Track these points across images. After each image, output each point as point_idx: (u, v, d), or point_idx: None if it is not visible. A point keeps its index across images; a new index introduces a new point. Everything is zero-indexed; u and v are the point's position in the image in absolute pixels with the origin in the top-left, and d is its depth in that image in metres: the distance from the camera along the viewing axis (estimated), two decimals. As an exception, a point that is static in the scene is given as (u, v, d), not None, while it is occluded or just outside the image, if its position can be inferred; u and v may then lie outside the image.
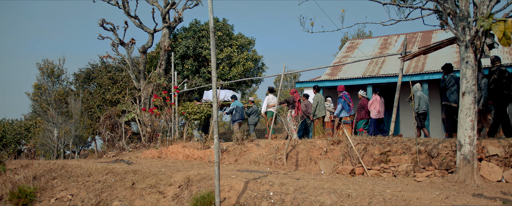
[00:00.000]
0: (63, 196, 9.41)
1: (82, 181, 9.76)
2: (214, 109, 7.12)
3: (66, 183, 9.89)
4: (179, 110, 15.08)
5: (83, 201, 9.12)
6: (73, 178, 9.98)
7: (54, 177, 10.22)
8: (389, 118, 12.73)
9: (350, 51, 21.07)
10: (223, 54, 22.67)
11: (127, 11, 21.75)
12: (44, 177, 10.26)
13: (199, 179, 8.48)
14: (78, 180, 9.87)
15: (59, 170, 10.50)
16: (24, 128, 26.21)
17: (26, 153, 16.35)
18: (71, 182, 9.88)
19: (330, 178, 8.27)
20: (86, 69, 27.15)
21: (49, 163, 11.01)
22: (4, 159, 11.88)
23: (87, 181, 9.71)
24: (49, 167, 10.69)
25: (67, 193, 9.51)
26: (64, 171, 10.40)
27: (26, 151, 16.87)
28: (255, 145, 11.13)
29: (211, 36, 7.05)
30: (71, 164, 10.82)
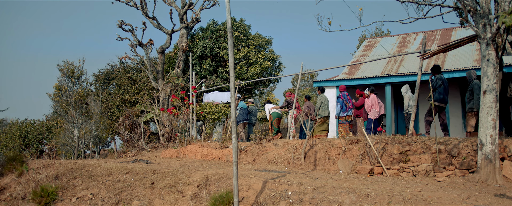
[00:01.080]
0: (84, 195, 9.55)
1: (103, 181, 9.89)
2: (232, 108, 7.14)
3: (87, 182, 10.03)
4: (197, 110, 15.16)
5: (103, 200, 9.23)
6: (94, 178, 10.12)
7: (75, 177, 10.37)
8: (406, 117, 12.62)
9: (368, 50, 20.91)
10: (240, 54, 22.72)
11: (145, 12, 21.95)
12: (66, 176, 10.42)
13: (218, 179, 8.51)
14: (99, 179, 10.00)
15: (80, 169, 10.65)
16: (46, 128, 26.64)
17: (48, 152, 16.65)
18: (91, 181, 10.02)
19: (349, 178, 8.23)
20: (106, 70, 27.49)
21: (70, 163, 11.18)
22: (27, 158, 12.10)
23: (107, 180, 9.83)
24: (70, 166, 10.85)
25: (87, 192, 9.65)
26: (85, 170, 10.54)
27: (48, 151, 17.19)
28: (273, 145, 11.13)
29: (229, 36, 7.07)
30: (91, 163, 10.97)
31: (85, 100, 25.84)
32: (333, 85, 16.92)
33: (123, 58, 22.89)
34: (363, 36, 36.41)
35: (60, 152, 23.58)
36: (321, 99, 13.29)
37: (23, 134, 25.26)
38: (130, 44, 22.03)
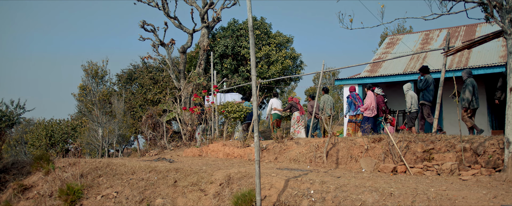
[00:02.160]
0: (108, 194, 9.70)
1: (126, 179, 10.03)
2: (254, 107, 7.15)
3: (111, 180, 10.19)
4: (218, 109, 15.23)
5: (127, 198, 9.37)
6: (118, 176, 10.27)
7: (100, 175, 10.54)
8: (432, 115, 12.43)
9: (390, 47, 20.68)
10: (261, 52, 22.72)
11: (167, 12, 22.14)
12: (91, 174, 10.60)
13: (240, 177, 8.54)
14: (123, 178, 10.15)
15: (105, 168, 10.82)
16: (71, 127, 27.14)
17: (73, 151, 16.96)
18: (116, 179, 10.17)
19: (372, 176, 8.16)
20: (128, 70, 27.84)
21: (95, 161, 11.37)
22: (53, 157, 12.35)
23: (131, 178, 9.97)
24: (95, 165, 11.03)
25: (112, 190, 9.80)
26: (109, 169, 10.70)
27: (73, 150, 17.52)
28: (294, 143, 11.11)
29: (250, 35, 7.08)
30: (115, 162, 11.13)
31: (108, 100, 26.23)
32: (355, 83, 16.79)
33: (146, 58, 23.13)
34: (385, 34, 35.98)
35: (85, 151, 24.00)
36: (324, 100, 13.74)
37: (49, 133, 25.79)
38: (152, 44, 22.25)
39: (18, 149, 28.27)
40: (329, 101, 13.76)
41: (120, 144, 25.40)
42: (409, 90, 12.25)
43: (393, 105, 17.83)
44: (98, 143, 22.59)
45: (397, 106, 17.58)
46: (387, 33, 35.53)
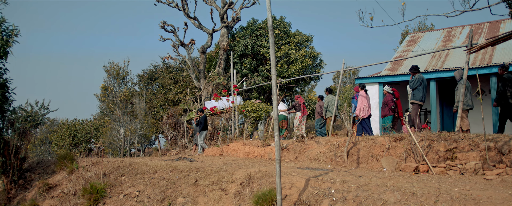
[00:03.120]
0: (130, 192, 9.82)
1: (148, 178, 10.13)
2: (274, 106, 7.16)
3: (133, 179, 10.31)
4: (238, 108, 15.28)
5: (149, 197, 9.47)
6: (140, 175, 10.38)
7: (122, 174, 10.67)
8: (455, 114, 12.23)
9: (411, 45, 20.42)
10: (281, 52, 22.70)
11: (187, 13, 22.30)
12: (113, 174, 10.74)
13: (260, 177, 8.55)
14: (144, 177, 10.26)
15: (127, 167, 10.95)
16: (93, 127, 27.54)
17: (96, 151, 17.23)
18: (137, 178, 10.29)
19: (393, 176, 8.08)
20: (149, 70, 28.12)
21: (117, 161, 11.51)
22: (77, 157, 12.55)
23: (153, 178, 10.07)
24: (117, 164, 11.18)
25: (134, 189, 9.91)
26: (131, 168, 10.83)
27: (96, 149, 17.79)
28: (315, 142, 11.07)
29: (270, 35, 7.08)
30: (137, 161, 11.25)
31: (130, 100, 26.54)
32: (375, 82, 16.65)
33: (166, 59, 23.36)
34: (405, 31, 35.55)
35: (107, 150, 24.35)
36: (328, 100, 13.99)
37: (72, 133, 26.22)
38: (172, 45, 22.45)
39: (43, 149, 28.83)
40: (333, 101, 13.95)
41: (141, 144, 25.70)
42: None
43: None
44: (120, 143, 22.89)
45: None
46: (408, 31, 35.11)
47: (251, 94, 23.08)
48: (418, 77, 11.19)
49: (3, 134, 11.60)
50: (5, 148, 11.42)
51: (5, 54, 10.64)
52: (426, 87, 11.31)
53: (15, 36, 11.00)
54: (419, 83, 11.08)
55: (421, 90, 11.08)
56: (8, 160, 11.45)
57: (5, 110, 11.35)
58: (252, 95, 22.97)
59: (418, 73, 11.26)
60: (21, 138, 11.81)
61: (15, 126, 11.79)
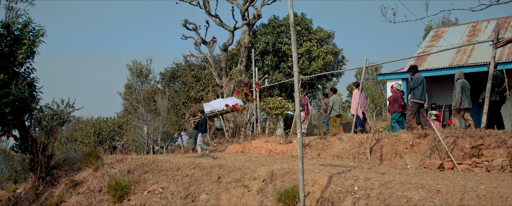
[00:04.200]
0: (154, 189, 9.94)
1: (172, 175, 10.24)
2: (296, 103, 7.15)
3: (157, 176, 10.43)
4: (260, 105, 15.29)
5: (173, 194, 9.57)
6: (163, 172, 10.50)
7: (146, 171, 10.81)
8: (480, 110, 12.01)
9: (435, 40, 20.09)
10: (302, 48, 22.62)
11: (208, 11, 22.40)
12: (137, 171, 10.89)
13: (283, 174, 8.56)
14: (168, 174, 10.37)
15: (150, 164, 11.08)
16: (117, 125, 27.94)
17: (120, 148, 17.48)
18: (161, 175, 10.41)
19: (417, 173, 7.99)
20: (171, 68, 28.36)
21: (141, 158, 11.66)
22: (101, 154, 12.76)
23: (176, 175, 10.17)
24: (141, 161, 11.32)
25: (158, 186, 10.04)
26: (155, 165, 10.96)
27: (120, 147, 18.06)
28: (337, 139, 11.02)
29: (292, 31, 7.07)
30: (161, 158, 11.38)
31: (153, 98, 26.83)
32: (398, 78, 16.45)
33: (188, 57, 23.54)
34: (429, 26, 34.95)
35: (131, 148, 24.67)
36: (333, 100, 14.42)
37: (97, 130, 26.66)
38: (194, 43, 22.59)
39: (69, 146, 29.39)
40: (337, 101, 14.43)
41: (164, 141, 25.96)
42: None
43: (439, 100, 17.35)
44: (143, 140, 23.17)
45: (443, 100, 17.09)
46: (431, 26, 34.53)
47: (273, 91, 23.07)
48: (417, 77, 11.42)
49: (31, 131, 11.87)
50: (33, 145, 11.69)
51: (32, 54, 10.86)
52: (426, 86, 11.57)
53: (41, 36, 11.21)
54: (419, 83, 11.31)
55: (421, 89, 11.30)
56: (36, 157, 11.72)
57: (33, 109, 11.60)
58: (273, 92, 22.96)
59: (417, 73, 11.54)
60: (48, 135, 12.06)
61: (42, 124, 12.04)
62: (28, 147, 11.67)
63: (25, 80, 11.06)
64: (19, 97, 10.53)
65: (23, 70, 11.28)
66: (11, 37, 10.78)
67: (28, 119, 11.97)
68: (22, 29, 10.91)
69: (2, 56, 10.48)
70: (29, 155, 11.84)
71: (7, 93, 10.35)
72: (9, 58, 10.58)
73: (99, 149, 23.07)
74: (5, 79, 10.40)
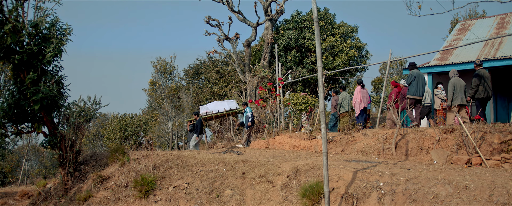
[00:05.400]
0: (179, 184, 10.06)
1: (196, 171, 10.34)
2: (320, 98, 7.12)
3: (182, 172, 10.54)
4: (284, 101, 15.28)
5: (197, 189, 9.67)
6: (188, 168, 10.61)
7: (171, 167, 10.93)
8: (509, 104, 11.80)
9: (461, 33, 19.67)
10: (326, 43, 22.47)
11: (231, 7, 22.44)
12: (162, 166, 11.03)
13: (307, 169, 8.55)
14: (193, 169, 10.47)
15: (175, 160, 11.21)
16: (142, 121, 28.28)
17: (145, 144, 17.72)
18: (186, 171, 10.52)
19: (444, 169, 7.87)
20: (195, 65, 28.55)
21: (166, 154, 11.80)
22: (127, 150, 12.96)
23: (201, 170, 10.27)
24: (166, 157, 11.46)
25: (183, 181, 10.15)
26: (180, 161, 11.08)
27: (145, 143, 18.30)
28: (362, 135, 10.93)
29: (316, 26, 7.04)
30: (185, 154, 11.50)
31: (177, 95, 27.08)
32: (424, 72, 16.18)
33: (211, 53, 23.65)
34: (455, 19, 34.22)
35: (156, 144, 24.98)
36: (342, 97, 14.54)
37: (123, 127, 27.03)
38: (217, 39, 22.70)
39: (95, 142, 29.93)
40: (346, 98, 14.59)
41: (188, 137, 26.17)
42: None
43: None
44: (168, 136, 23.44)
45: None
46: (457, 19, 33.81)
47: (296, 87, 23.00)
48: (411, 73, 11.79)
49: (59, 128, 12.14)
50: (62, 141, 11.96)
51: (59, 52, 11.09)
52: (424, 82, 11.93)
53: (68, 34, 11.44)
54: (413, 79, 11.62)
55: (415, 85, 11.62)
56: (64, 153, 11.99)
57: (61, 106, 11.86)
58: (297, 88, 22.90)
59: (414, 69, 11.88)
60: (76, 132, 12.33)
61: (70, 120, 12.31)
62: (57, 143, 11.95)
63: (53, 78, 11.31)
64: (48, 95, 10.78)
65: (51, 68, 11.55)
66: (39, 36, 11.03)
67: (57, 115, 12.24)
68: (50, 28, 11.16)
69: (31, 54, 10.74)
70: (58, 151, 12.13)
71: (37, 91, 10.61)
72: (37, 56, 10.83)
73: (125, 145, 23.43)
74: (34, 77, 10.66)
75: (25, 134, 12.15)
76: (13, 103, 11.11)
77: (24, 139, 28.27)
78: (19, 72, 11.03)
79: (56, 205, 11.48)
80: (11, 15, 10.58)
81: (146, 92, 31.41)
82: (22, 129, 11.88)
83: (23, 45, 10.71)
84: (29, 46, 10.70)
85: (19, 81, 11.13)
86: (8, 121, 11.43)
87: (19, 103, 11.04)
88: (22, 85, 10.96)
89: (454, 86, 11.23)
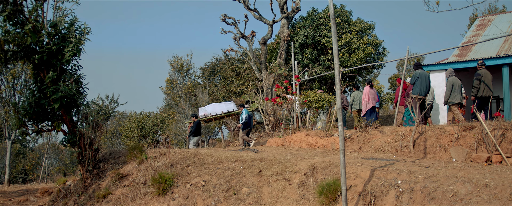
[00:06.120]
0: (197, 182, 10.13)
1: (213, 168, 10.39)
2: (337, 96, 7.10)
3: (199, 170, 10.61)
4: (300, 99, 15.24)
5: (215, 186, 9.72)
6: (205, 166, 10.67)
7: (188, 164, 11.01)
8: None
9: (480, 29, 19.36)
10: (342, 41, 22.34)
11: (247, 5, 22.46)
12: (180, 164, 11.11)
13: (324, 167, 8.53)
14: (210, 167, 10.53)
15: (193, 158, 11.28)
16: (160, 119, 28.54)
17: (163, 142, 17.87)
18: (203, 169, 10.58)
19: (463, 167, 7.77)
20: (211, 63, 28.66)
21: (183, 152, 11.88)
22: (145, 148, 13.08)
23: (218, 168, 10.32)
24: (183, 155, 11.54)
25: (200, 179, 10.21)
26: (197, 159, 11.15)
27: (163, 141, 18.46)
28: (379, 132, 10.86)
29: (332, 23, 7.01)
30: (202, 152, 11.56)
31: (193, 93, 27.22)
32: (442, 69, 15.96)
33: (227, 51, 23.72)
34: (474, 15, 33.69)
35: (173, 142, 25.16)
36: (354, 96, 15.13)
37: (140, 125, 27.32)
38: (233, 37, 22.74)
39: (114, 140, 30.29)
40: (357, 97, 15.01)
41: (205, 135, 26.33)
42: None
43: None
44: (185, 134, 23.57)
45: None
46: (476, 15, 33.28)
47: (313, 84, 22.93)
48: (414, 73, 12.22)
49: (78, 126, 12.32)
50: (81, 139, 12.14)
51: (78, 51, 11.25)
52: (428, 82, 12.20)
53: (87, 34, 11.60)
54: (416, 78, 11.96)
55: (419, 85, 11.91)
56: (83, 151, 12.16)
57: (80, 104, 12.03)
58: (313, 85, 22.82)
59: (419, 69, 12.23)
60: (94, 130, 12.49)
61: (89, 119, 12.47)
62: (76, 141, 12.13)
63: (72, 77, 11.48)
64: (67, 94, 10.95)
65: (70, 68, 11.72)
66: (58, 36, 11.21)
67: (76, 114, 12.42)
68: (69, 27, 11.32)
69: (51, 54, 10.91)
70: (77, 149, 12.31)
71: (56, 90, 10.79)
72: (57, 56, 11.01)
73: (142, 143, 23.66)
74: (54, 76, 10.84)
75: (45, 132, 12.36)
76: (33, 102, 11.32)
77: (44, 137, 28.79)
78: (39, 72, 11.23)
79: (76, 202, 11.65)
80: (31, 15, 10.76)
81: (163, 90, 31.64)
82: (43, 127, 12.09)
83: (43, 45, 10.89)
84: (48, 45, 10.87)
85: (39, 81, 11.34)
86: (29, 119, 11.66)
87: (39, 101, 11.25)
88: (42, 85, 11.15)
89: (452, 85, 11.64)
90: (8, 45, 10.53)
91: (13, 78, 17.64)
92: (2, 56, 10.58)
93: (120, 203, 10.59)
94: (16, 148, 30.40)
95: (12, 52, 10.66)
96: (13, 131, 18.15)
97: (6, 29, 10.55)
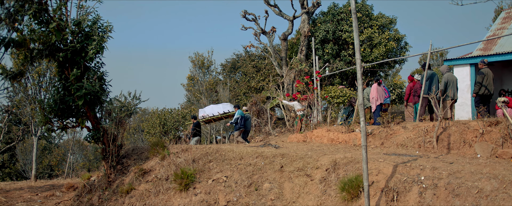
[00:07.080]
0: (218, 178, 10.19)
1: (235, 164, 10.44)
2: (359, 91, 7.05)
3: (221, 165, 10.67)
4: (321, 94, 15.18)
5: (236, 182, 9.77)
6: (227, 161, 10.73)
7: (210, 160, 11.08)
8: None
9: (506, 22, 18.92)
10: (363, 35, 22.13)
11: (267, 1, 22.43)
12: (202, 160, 11.19)
13: (346, 163, 8.49)
14: (231, 163, 10.58)
15: (214, 153, 11.35)
16: (181, 115, 28.75)
17: (184, 138, 18.02)
18: (225, 164, 10.64)
19: (488, 163, 7.64)
20: (232, 59, 28.73)
21: (205, 148, 11.97)
22: (167, 144, 13.21)
23: (239, 164, 10.36)
24: (205, 151, 11.62)
25: (222, 175, 10.27)
26: (219, 154, 11.21)
27: (184, 137, 18.61)
28: (401, 128, 10.74)
29: (353, 18, 6.96)
30: (224, 148, 11.62)
31: (214, 89, 27.34)
32: (466, 63, 15.68)
33: (248, 47, 23.73)
34: (499, 8, 32.92)
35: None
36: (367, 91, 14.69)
37: (162, 121, 27.56)
38: (253, 33, 22.76)
39: (136, 137, 30.66)
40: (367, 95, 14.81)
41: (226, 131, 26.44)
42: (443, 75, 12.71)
43: (510, 85, 16.40)
44: (206, 130, 23.71)
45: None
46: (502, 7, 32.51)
47: (334, 80, 22.79)
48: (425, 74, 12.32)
49: (102, 123, 12.51)
50: (104, 136, 12.33)
51: (101, 49, 11.42)
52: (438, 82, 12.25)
53: (109, 32, 11.77)
54: (427, 79, 12.11)
55: (428, 85, 12.04)
56: (107, 147, 12.36)
57: (103, 101, 12.21)
58: (334, 81, 22.68)
59: (429, 70, 12.32)
60: (117, 126, 12.67)
61: (112, 115, 12.66)
62: (100, 138, 12.33)
63: (95, 74, 11.67)
64: (91, 91, 11.13)
65: (94, 65, 11.92)
66: (82, 34, 11.40)
67: (99, 111, 12.62)
68: (92, 26, 11.50)
69: (75, 52, 11.11)
70: (101, 145, 12.52)
71: (80, 87, 10.99)
72: (80, 53, 11.20)
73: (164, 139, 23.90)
74: (77, 74, 11.04)
75: (70, 128, 12.59)
76: (58, 99, 11.55)
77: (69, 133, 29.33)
78: (63, 69, 11.45)
79: (100, 197, 11.86)
80: (55, 14, 10.96)
81: (184, 87, 31.87)
82: (67, 124, 12.32)
83: (67, 43, 11.10)
84: (72, 43, 11.07)
85: (64, 78, 11.56)
86: (54, 116, 11.91)
87: (64, 98, 11.47)
88: (67, 82, 11.36)
89: (447, 81, 11.76)
90: (34, 43, 10.74)
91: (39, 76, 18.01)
92: (28, 54, 10.80)
93: (143, 199, 10.74)
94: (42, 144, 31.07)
95: (37, 51, 10.87)
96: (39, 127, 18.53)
97: (32, 28, 10.77)
